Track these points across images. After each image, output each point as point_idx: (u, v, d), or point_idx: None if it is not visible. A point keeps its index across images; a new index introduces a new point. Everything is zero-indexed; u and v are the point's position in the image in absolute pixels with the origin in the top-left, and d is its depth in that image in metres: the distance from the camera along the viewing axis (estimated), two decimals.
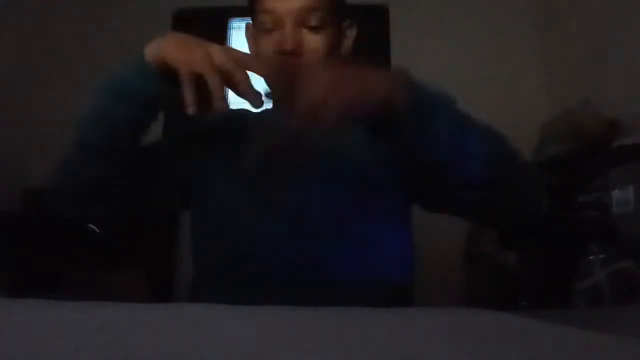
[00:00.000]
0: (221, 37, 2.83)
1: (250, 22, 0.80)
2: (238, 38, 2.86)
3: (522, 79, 2.58)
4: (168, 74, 0.62)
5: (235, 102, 0.69)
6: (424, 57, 2.61)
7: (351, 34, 0.81)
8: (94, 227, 1.54)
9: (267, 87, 0.65)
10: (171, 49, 0.63)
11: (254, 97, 0.61)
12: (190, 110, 0.60)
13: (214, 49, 0.62)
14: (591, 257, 1.23)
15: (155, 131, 0.73)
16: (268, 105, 0.84)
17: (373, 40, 2.59)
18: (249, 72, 0.63)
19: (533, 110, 2.45)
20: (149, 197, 0.73)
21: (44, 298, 0.32)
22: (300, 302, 0.38)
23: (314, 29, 0.73)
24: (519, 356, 0.23)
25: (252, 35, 0.80)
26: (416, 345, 0.24)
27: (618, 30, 1.92)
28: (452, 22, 2.68)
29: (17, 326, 0.25)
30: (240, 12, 2.84)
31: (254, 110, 0.85)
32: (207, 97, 0.60)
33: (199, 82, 0.60)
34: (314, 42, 0.73)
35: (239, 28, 2.88)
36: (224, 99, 0.61)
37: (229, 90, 0.62)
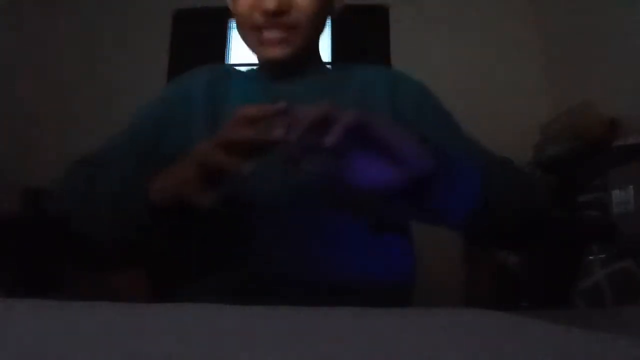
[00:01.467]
0: (221, 37, 2.83)
1: None
2: (238, 38, 2.86)
3: (522, 79, 2.58)
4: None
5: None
6: (424, 57, 2.61)
7: None
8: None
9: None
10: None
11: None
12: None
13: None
14: (591, 257, 1.23)
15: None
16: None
17: (373, 40, 2.60)
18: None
19: (533, 110, 2.45)
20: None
21: (44, 298, 0.31)
22: (299, 303, 0.38)
23: None
24: (519, 356, 0.23)
25: None
26: (416, 345, 0.24)
27: (618, 31, 1.92)
28: (452, 22, 2.68)
29: (17, 326, 0.25)
30: None
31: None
32: None
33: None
34: None
35: None
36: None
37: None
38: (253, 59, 0.75)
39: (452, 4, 2.71)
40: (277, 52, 0.65)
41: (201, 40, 2.76)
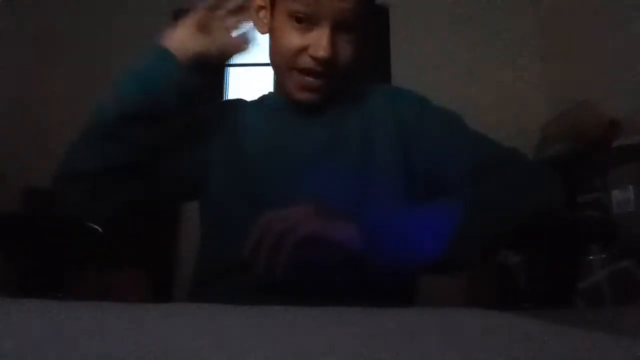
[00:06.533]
0: None
1: None
2: None
3: (522, 79, 2.58)
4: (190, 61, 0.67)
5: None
6: (423, 57, 2.61)
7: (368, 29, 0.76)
8: (96, 226, 1.55)
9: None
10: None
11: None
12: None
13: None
14: (591, 257, 1.23)
15: None
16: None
17: (373, 40, 2.60)
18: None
19: (533, 110, 2.45)
20: (154, 190, 0.72)
21: (45, 298, 0.32)
22: (302, 304, 0.38)
23: (349, 33, 0.66)
24: (519, 356, 0.23)
25: (263, 14, 0.71)
26: (416, 345, 0.24)
27: (618, 31, 1.92)
28: (452, 22, 2.68)
29: (17, 326, 0.25)
30: None
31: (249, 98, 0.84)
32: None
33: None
34: (347, 48, 0.66)
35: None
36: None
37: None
38: (251, 59, 0.76)
39: (452, 4, 2.71)
40: (311, 97, 0.69)
41: None
